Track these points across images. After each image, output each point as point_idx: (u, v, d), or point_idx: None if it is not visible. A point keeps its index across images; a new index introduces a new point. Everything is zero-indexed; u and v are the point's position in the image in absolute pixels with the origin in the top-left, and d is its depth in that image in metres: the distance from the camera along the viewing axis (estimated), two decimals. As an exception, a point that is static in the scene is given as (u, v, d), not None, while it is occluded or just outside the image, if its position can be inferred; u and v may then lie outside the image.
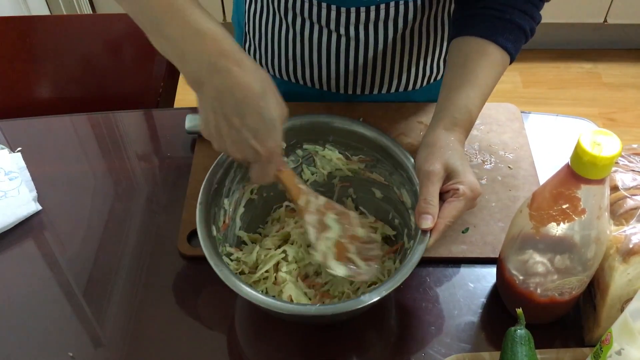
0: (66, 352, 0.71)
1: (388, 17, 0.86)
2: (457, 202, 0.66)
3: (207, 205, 0.69)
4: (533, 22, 0.78)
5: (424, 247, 0.64)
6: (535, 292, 0.66)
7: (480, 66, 0.74)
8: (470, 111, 0.72)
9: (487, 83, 0.75)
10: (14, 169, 0.87)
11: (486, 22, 0.76)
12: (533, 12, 0.78)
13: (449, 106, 0.73)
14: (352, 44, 0.89)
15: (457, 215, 0.66)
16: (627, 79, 2.37)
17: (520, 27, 0.76)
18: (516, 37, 0.76)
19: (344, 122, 0.76)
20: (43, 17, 1.67)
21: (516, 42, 0.76)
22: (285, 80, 0.98)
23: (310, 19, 0.88)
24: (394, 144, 0.74)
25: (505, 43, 0.75)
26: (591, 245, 0.60)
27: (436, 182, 0.66)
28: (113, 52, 1.26)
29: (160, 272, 0.78)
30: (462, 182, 0.66)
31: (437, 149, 0.68)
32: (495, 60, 0.75)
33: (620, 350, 0.56)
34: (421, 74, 0.96)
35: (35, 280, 0.78)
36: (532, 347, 0.62)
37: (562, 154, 0.89)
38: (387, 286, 0.61)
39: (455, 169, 0.67)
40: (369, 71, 0.93)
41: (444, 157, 0.67)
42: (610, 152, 0.53)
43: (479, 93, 0.73)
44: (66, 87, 1.28)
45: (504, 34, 0.75)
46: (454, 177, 0.67)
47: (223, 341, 0.73)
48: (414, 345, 0.70)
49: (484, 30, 0.76)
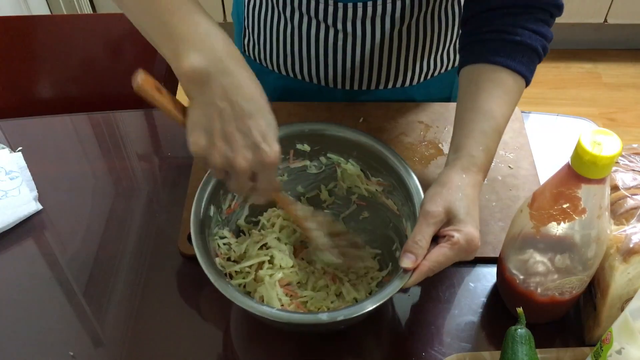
0: (67, 351, 0.71)
1: (385, 13, 0.86)
2: (447, 249, 0.62)
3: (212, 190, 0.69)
4: (545, 41, 0.73)
5: (401, 283, 0.61)
6: (536, 291, 0.66)
7: (493, 97, 0.70)
8: (488, 148, 0.68)
9: (503, 114, 0.70)
10: (15, 168, 0.87)
11: (496, 46, 0.72)
12: (544, 31, 0.73)
13: (465, 144, 0.68)
14: (349, 39, 0.89)
15: (443, 262, 0.62)
16: (627, 79, 2.37)
17: (532, 48, 0.72)
18: (528, 59, 0.72)
19: (369, 140, 0.74)
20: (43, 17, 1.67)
21: (529, 65, 0.72)
22: (283, 74, 0.99)
23: (307, 13, 0.88)
24: (409, 175, 0.71)
25: (518, 67, 0.71)
26: (591, 244, 0.61)
27: (431, 225, 0.63)
28: (113, 52, 1.26)
29: (161, 271, 0.78)
30: (460, 231, 0.62)
31: (445, 190, 0.64)
32: (509, 87, 0.71)
33: (620, 350, 0.56)
34: (418, 70, 0.96)
35: (35, 279, 0.78)
36: (533, 347, 0.62)
37: (562, 153, 0.89)
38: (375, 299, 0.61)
39: (456, 216, 0.63)
40: (366, 67, 0.93)
41: (449, 201, 0.63)
42: (611, 152, 0.53)
43: (495, 126, 0.69)
44: (67, 86, 1.28)
45: (515, 57, 0.71)
46: (453, 224, 0.63)
47: (224, 341, 0.73)
48: (415, 345, 0.70)
49: (494, 55, 0.72)
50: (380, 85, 0.96)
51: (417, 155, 0.88)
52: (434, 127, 0.92)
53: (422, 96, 0.99)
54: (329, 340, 0.71)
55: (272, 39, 0.95)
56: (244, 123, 0.57)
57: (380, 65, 0.93)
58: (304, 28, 0.90)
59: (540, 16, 0.73)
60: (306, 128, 0.76)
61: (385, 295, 0.61)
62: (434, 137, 0.91)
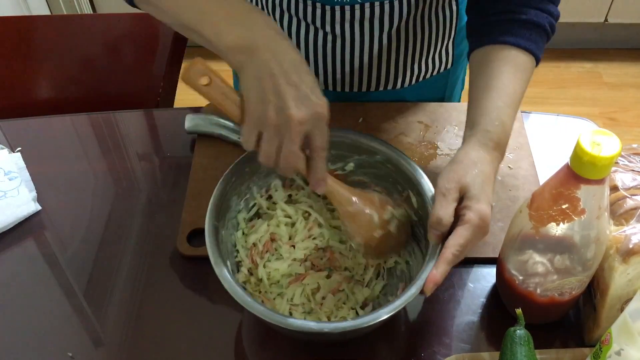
0: (65, 352, 0.71)
1: (373, 15, 0.86)
2: (462, 229, 0.62)
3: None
4: (552, 18, 0.74)
5: (416, 291, 0.61)
6: (535, 292, 0.66)
7: (505, 73, 0.70)
8: (503, 123, 0.68)
9: (516, 89, 0.70)
10: (14, 169, 0.87)
11: (503, 26, 0.73)
12: (550, 8, 0.74)
13: (480, 120, 0.68)
14: (339, 41, 0.89)
15: (464, 244, 0.62)
16: (628, 79, 2.37)
17: (539, 25, 0.73)
18: (537, 37, 0.73)
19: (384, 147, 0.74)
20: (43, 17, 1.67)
21: (538, 42, 0.73)
22: None
23: (297, 16, 0.88)
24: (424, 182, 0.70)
25: (528, 44, 0.72)
26: (591, 245, 0.60)
27: (451, 201, 0.63)
28: (113, 52, 1.26)
29: (160, 272, 0.78)
30: (470, 208, 0.63)
31: (461, 167, 0.65)
32: (520, 64, 0.72)
33: (619, 351, 0.56)
34: (410, 72, 0.96)
35: (34, 280, 0.78)
36: (532, 348, 0.62)
37: (562, 153, 0.88)
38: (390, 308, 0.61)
39: (469, 191, 0.64)
40: (356, 70, 0.93)
41: (464, 176, 0.64)
42: (610, 152, 0.53)
43: (508, 102, 0.69)
44: (66, 86, 1.28)
45: (523, 35, 0.72)
46: (465, 200, 0.64)
47: (223, 341, 0.73)
48: (414, 346, 0.70)
49: (503, 35, 0.72)
50: (371, 88, 0.96)
51: (417, 156, 0.88)
52: (433, 127, 0.92)
53: (415, 98, 0.98)
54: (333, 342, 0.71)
55: None
56: (293, 78, 0.60)
57: (370, 68, 0.93)
58: (293, 30, 0.90)
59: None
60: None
61: (401, 304, 0.61)
62: (433, 137, 0.91)
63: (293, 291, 0.72)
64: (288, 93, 0.59)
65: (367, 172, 0.76)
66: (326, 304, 0.72)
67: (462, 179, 0.64)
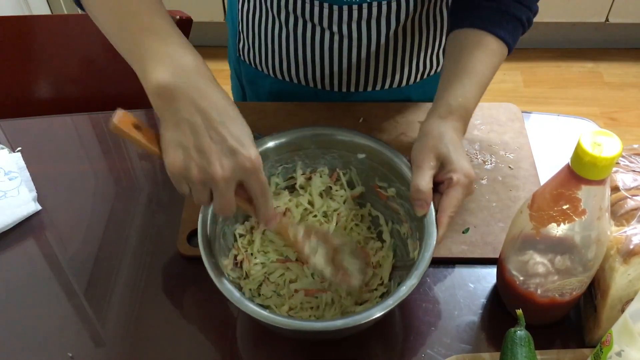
0: (66, 352, 0.71)
1: (380, 14, 0.86)
2: (453, 191, 0.65)
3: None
4: (530, 12, 0.78)
5: (408, 290, 0.61)
6: (536, 292, 0.66)
7: (475, 56, 0.74)
8: (466, 98, 0.72)
9: (484, 72, 0.74)
10: (14, 168, 0.87)
11: (482, 14, 0.77)
12: (529, 3, 0.78)
13: (444, 95, 0.72)
14: (345, 41, 0.89)
15: (457, 205, 0.66)
16: (629, 79, 2.37)
17: (516, 17, 0.77)
18: (513, 28, 0.77)
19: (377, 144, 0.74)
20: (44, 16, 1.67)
21: (513, 33, 0.77)
22: (279, 78, 0.98)
23: (302, 16, 0.88)
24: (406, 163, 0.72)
25: (502, 33, 0.75)
26: (592, 246, 0.60)
27: (427, 169, 0.66)
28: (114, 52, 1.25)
29: (160, 272, 0.78)
30: (455, 170, 0.66)
31: (430, 139, 0.68)
32: (491, 50, 0.76)
33: (620, 352, 0.56)
34: (414, 70, 0.96)
35: (34, 280, 0.78)
36: (532, 348, 0.62)
37: (563, 154, 0.88)
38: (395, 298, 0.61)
39: (447, 157, 0.67)
40: (362, 68, 0.93)
41: (437, 147, 0.67)
42: (611, 153, 0.53)
43: (475, 81, 0.73)
44: (67, 86, 1.28)
45: (500, 24, 0.76)
46: (446, 166, 0.67)
47: (223, 342, 0.73)
48: (414, 346, 0.70)
49: (480, 21, 0.76)
50: (376, 86, 0.96)
51: (417, 156, 0.88)
52: (434, 127, 0.92)
53: (418, 96, 0.98)
54: (331, 342, 0.71)
55: (266, 42, 0.95)
56: (218, 132, 0.56)
57: (376, 67, 0.93)
58: (299, 31, 0.90)
59: None
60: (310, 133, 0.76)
61: (395, 301, 0.61)
62: (434, 138, 0.91)
63: (274, 269, 0.74)
64: (211, 150, 0.55)
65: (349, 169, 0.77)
66: (296, 297, 0.72)
67: (434, 149, 0.67)
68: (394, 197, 0.74)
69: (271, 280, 0.73)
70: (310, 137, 0.76)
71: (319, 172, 0.78)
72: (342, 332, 0.63)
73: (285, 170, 0.77)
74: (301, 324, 0.61)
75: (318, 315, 0.71)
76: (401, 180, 0.72)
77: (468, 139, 0.90)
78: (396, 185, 0.73)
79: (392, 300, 0.61)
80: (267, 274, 0.74)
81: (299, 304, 0.72)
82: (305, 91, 0.98)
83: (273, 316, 0.61)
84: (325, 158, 0.77)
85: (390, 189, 0.74)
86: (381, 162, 0.74)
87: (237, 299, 0.61)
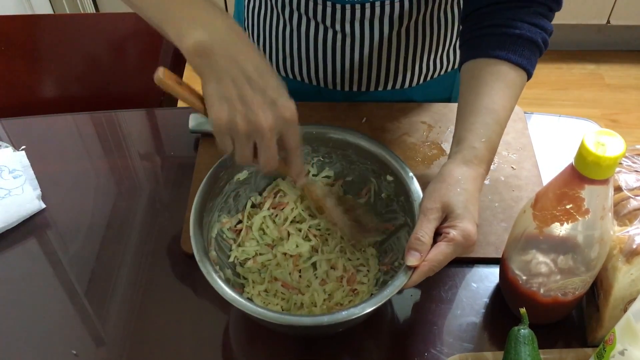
0: (70, 349, 0.71)
1: (383, 14, 0.86)
2: (444, 246, 0.62)
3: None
4: (545, 34, 0.74)
5: (400, 284, 0.61)
6: (539, 292, 0.66)
7: (495, 89, 0.70)
8: (490, 140, 0.68)
9: (505, 106, 0.70)
10: (18, 167, 0.87)
11: (496, 40, 0.72)
12: (543, 24, 0.74)
13: (467, 137, 0.68)
14: (348, 40, 0.89)
15: (442, 260, 0.62)
16: (630, 81, 2.37)
17: (532, 40, 0.72)
18: (530, 52, 0.72)
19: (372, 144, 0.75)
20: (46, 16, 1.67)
21: (531, 58, 0.72)
22: (282, 76, 0.99)
23: (306, 15, 0.88)
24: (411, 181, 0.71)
25: (519, 60, 0.71)
26: (594, 245, 0.60)
27: (432, 220, 0.63)
28: (116, 51, 1.27)
29: (163, 270, 0.78)
30: (456, 227, 0.62)
31: (444, 186, 0.65)
32: (510, 80, 0.71)
33: (623, 351, 0.56)
34: (417, 71, 0.96)
35: (38, 278, 0.79)
36: (536, 347, 0.62)
37: (565, 154, 0.89)
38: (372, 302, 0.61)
39: (454, 211, 0.63)
40: (365, 68, 0.93)
41: (447, 196, 0.64)
42: (614, 153, 0.53)
43: (496, 119, 0.69)
44: (69, 86, 1.28)
45: (516, 50, 0.71)
46: (450, 219, 0.63)
47: (226, 339, 0.73)
48: (417, 345, 0.70)
49: (495, 49, 0.72)
50: (379, 87, 0.96)
51: (420, 156, 0.88)
52: (436, 127, 0.92)
53: (421, 98, 0.99)
54: (330, 341, 0.71)
55: (271, 40, 0.96)
56: (257, 84, 0.58)
57: (379, 67, 0.93)
58: (303, 29, 0.90)
59: (540, 10, 0.74)
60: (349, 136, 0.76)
61: (384, 297, 0.61)
62: (437, 138, 0.91)
63: (267, 251, 0.75)
64: (254, 100, 0.58)
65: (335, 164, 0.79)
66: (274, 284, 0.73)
67: (444, 198, 0.64)
68: (404, 232, 0.73)
69: (257, 260, 0.74)
70: (347, 142, 0.76)
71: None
72: (332, 328, 0.63)
73: (321, 164, 0.79)
74: (292, 319, 0.62)
75: (286, 307, 0.72)
76: (392, 174, 0.73)
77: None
78: (386, 183, 0.74)
79: (381, 297, 0.61)
80: (258, 252, 0.75)
81: (275, 291, 0.72)
82: (309, 90, 0.98)
83: (263, 310, 0.61)
84: (360, 167, 0.77)
85: (386, 190, 0.76)
86: (404, 192, 0.72)
87: (229, 295, 0.62)
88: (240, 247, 0.75)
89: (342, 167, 0.79)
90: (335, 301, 0.72)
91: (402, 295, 0.74)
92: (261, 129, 0.58)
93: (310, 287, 0.73)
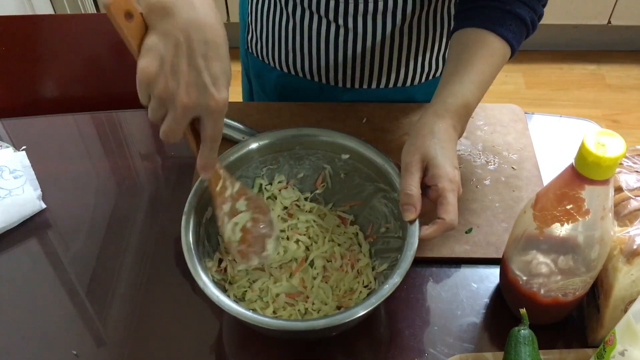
0: (70, 350, 0.71)
1: (386, 9, 0.86)
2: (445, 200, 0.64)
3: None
4: (534, 14, 0.77)
5: (390, 289, 0.61)
6: (539, 292, 0.66)
7: (477, 55, 0.73)
8: (464, 96, 0.70)
9: (484, 70, 0.73)
10: (19, 167, 0.87)
11: (488, 13, 0.76)
12: (534, 5, 0.77)
13: (442, 93, 0.71)
14: (351, 35, 0.90)
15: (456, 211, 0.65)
16: (631, 81, 2.37)
17: (520, 17, 0.75)
18: (517, 28, 0.75)
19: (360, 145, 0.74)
20: (47, 16, 1.67)
21: (517, 33, 0.76)
22: (285, 72, 0.99)
23: (309, 8, 0.89)
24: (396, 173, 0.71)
25: (505, 33, 0.74)
26: (595, 246, 0.60)
27: (414, 172, 0.66)
28: (117, 52, 1.27)
29: (163, 271, 0.78)
30: (440, 176, 0.65)
31: (420, 138, 0.67)
32: (494, 49, 0.74)
33: (623, 351, 0.56)
34: (419, 69, 0.97)
35: (39, 278, 0.79)
36: (536, 348, 0.62)
37: (566, 154, 0.89)
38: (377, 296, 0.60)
39: (433, 158, 0.66)
40: (366, 63, 0.94)
41: (424, 146, 0.67)
42: (615, 153, 0.53)
43: (475, 79, 0.72)
44: (70, 86, 1.28)
45: (503, 24, 0.75)
46: (430, 169, 0.66)
47: (227, 339, 0.73)
48: (417, 346, 0.70)
49: (484, 21, 0.75)
50: (381, 84, 0.97)
51: (421, 156, 0.88)
52: (437, 127, 0.92)
53: (423, 97, 0.99)
54: (330, 341, 0.71)
55: (274, 35, 0.96)
56: (197, 62, 0.55)
57: (380, 62, 0.94)
58: (306, 23, 0.91)
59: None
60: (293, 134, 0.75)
61: (379, 299, 0.60)
62: (437, 138, 0.91)
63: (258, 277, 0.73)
64: (185, 75, 0.55)
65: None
66: (279, 300, 0.72)
67: (421, 149, 0.67)
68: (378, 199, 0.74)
69: (255, 288, 0.72)
70: (293, 138, 0.75)
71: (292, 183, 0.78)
72: (327, 331, 0.62)
73: (270, 172, 0.77)
74: (285, 324, 0.61)
75: (297, 316, 0.71)
76: (385, 180, 0.72)
77: (471, 139, 0.91)
78: (380, 185, 0.73)
79: (375, 298, 0.60)
80: (250, 280, 0.73)
81: (282, 306, 0.71)
82: (311, 86, 0.98)
83: (257, 316, 0.61)
84: (310, 159, 0.77)
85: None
86: (365, 162, 0.74)
87: (223, 303, 0.61)
88: (232, 284, 0.73)
89: (290, 167, 0.78)
90: (344, 289, 0.72)
91: (402, 295, 0.74)
92: (176, 103, 0.56)
93: (314, 287, 0.72)
